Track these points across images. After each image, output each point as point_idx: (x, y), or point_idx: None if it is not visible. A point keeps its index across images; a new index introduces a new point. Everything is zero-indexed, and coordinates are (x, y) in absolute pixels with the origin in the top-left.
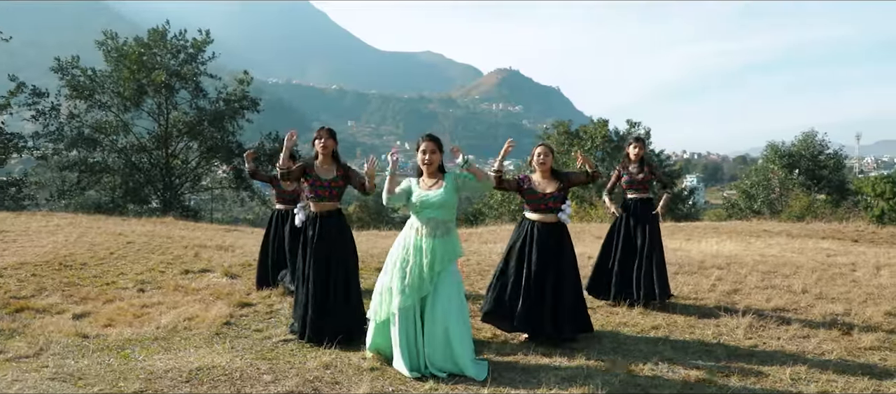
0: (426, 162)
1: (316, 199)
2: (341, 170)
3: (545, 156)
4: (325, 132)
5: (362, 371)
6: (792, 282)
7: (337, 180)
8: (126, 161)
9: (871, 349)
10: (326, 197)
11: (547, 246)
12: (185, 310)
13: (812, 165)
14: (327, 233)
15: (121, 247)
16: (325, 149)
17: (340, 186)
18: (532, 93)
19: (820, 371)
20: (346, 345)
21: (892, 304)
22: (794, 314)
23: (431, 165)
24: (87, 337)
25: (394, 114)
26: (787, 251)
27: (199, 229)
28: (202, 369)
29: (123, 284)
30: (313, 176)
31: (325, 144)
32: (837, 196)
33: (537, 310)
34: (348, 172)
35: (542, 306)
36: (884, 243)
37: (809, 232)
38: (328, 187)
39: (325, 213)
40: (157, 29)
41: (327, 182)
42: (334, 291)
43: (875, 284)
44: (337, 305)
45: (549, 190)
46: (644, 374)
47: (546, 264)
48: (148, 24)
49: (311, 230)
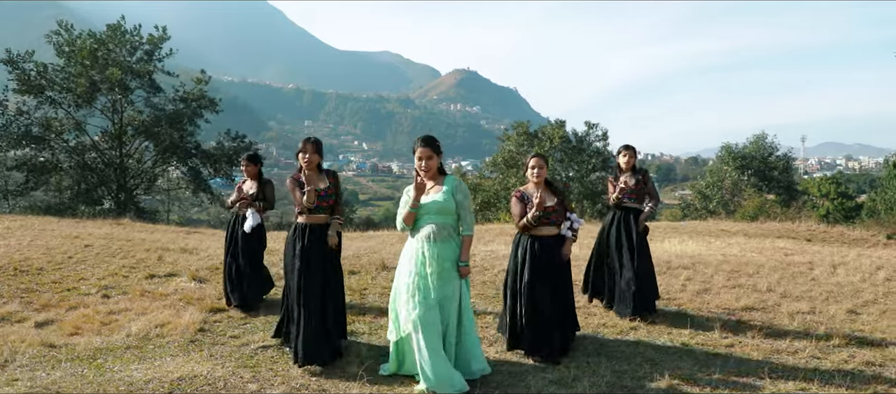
0: (423, 169)
1: (309, 211)
2: (332, 178)
3: (540, 168)
4: (310, 147)
5: (349, 378)
6: (756, 281)
7: (329, 188)
8: (78, 161)
9: (839, 347)
10: (323, 208)
11: (552, 262)
12: (154, 316)
13: (763, 167)
14: (321, 246)
15: (79, 250)
16: (309, 164)
17: (333, 194)
18: (490, 93)
19: (796, 369)
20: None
21: (852, 302)
22: (763, 313)
23: (429, 171)
24: (55, 347)
25: (352, 114)
26: (747, 251)
27: (159, 231)
28: (184, 379)
29: (86, 289)
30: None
31: (310, 159)
32: (787, 196)
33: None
34: (337, 181)
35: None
36: (835, 242)
37: (765, 232)
38: (324, 197)
39: (317, 225)
40: (113, 24)
41: (322, 192)
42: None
43: (833, 283)
44: (335, 325)
45: (549, 203)
46: (629, 375)
47: (550, 281)
48: (98, 21)
49: (300, 243)
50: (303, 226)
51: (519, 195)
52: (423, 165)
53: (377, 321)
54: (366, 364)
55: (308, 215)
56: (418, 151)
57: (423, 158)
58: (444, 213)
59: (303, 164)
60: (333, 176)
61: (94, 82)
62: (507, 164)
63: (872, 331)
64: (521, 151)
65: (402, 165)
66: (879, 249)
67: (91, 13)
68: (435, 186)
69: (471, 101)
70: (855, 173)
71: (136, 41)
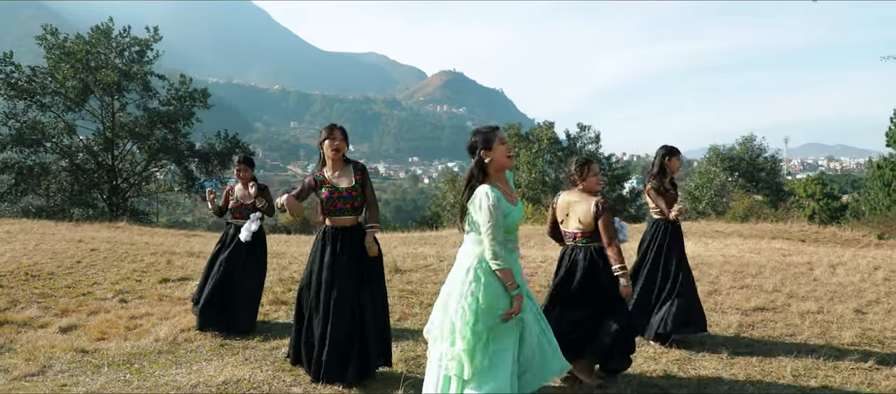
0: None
1: (333, 213)
2: (359, 174)
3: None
4: (338, 132)
5: (392, 380)
6: (762, 282)
7: (356, 188)
8: (70, 164)
9: (852, 345)
10: (348, 210)
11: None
12: (178, 321)
13: (751, 168)
14: (353, 252)
15: (86, 255)
16: (336, 152)
17: (361, 194)
18: (476, 95)
19: (815, 367)
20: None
21: (857, 302)
22: (775, 313)
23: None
24: (86, 352)
25: (338, 115)
26: (746, 252)
27: (159, 234)
28: (228, 383)
29: (101, 294)
30: (329, 186)
31: (339, 146)
32: (775, 197)
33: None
34: (366, 176)
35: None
36: (828, 243)
37: (759, 232)
38: (349, 198)
39: (346, 228)
40: (101, 27)
41: (346, 192)
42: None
43: (835, 283)
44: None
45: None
46: (658, 375)
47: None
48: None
49: (329, 248)
50: (330, 230)
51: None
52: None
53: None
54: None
55: (332, 218)
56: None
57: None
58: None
59: (329, 154)
60: (361, 171)
61: (87, 85)
62: None
63: (881, 331)
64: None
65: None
66: (872, 249)
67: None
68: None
69: (457, 102)
70: (837, 174)
71: (125, 43)
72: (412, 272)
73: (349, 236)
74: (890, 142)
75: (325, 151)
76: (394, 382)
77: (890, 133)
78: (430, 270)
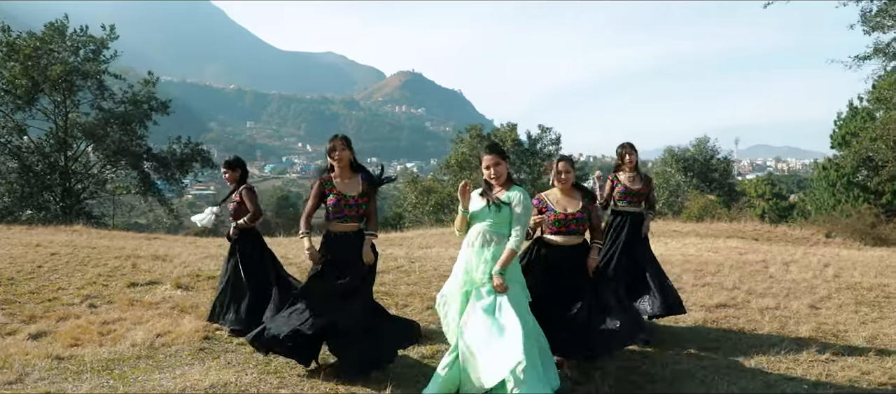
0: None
1: (340, 219)
2: (366, 183)
3: (567, 172)
4: (339, 143)
5: (380, 383)
6: (722, 280)
7: (363, 196)
8: (20, 165)
9: (809, 338)
10: (352, 217)
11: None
12: (152, 326)
13: (705, 169)
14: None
15: (46, 259)
16: (341, 162)
17: (367, 203)
18: (434, 96)
19: (777, 360)
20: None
21: (810, 298)
22: (736, 309)
23: (499, 177)
24: (62, 359)
25: (295, 115)
26: (704, 251)
27: (119, 238)
28: (215, 386)
29: (68, 299)
30: (336, 193)
31: (341, 157)
32: (727, 197)
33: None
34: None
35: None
36: (780, 241)
37: (715, 232)
38: (354, 205)
39: (347, 234)
40: (55, 23)
41: (353, 199)
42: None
43: (790, 280)
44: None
45: (572, 210)
46: (631, 369)
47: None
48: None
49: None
50: (332, 235)
51: (535, 200)
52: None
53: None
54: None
55: (337, 223)
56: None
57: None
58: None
59: (335, 163)
60: (369, 180)
61: (36, 82)
62: (460, 166)
63: (835, 324)
64: (474, 154)
65: None
66: (821, 246)
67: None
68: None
69: (416, 103)
70: (784, 174)
71: (79, 41)
72: (384, 274)
73: (350, 242)
74: (834, 144)
75: (331, 161)
76: (382, 381)
77: (834, 136)
78: (401, 272)
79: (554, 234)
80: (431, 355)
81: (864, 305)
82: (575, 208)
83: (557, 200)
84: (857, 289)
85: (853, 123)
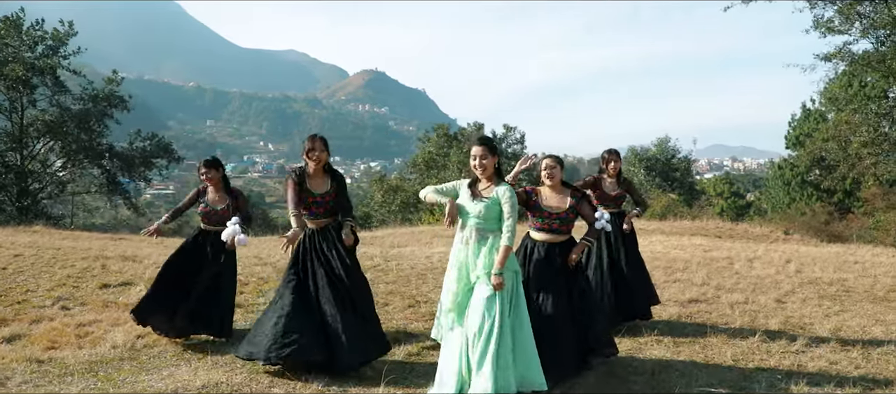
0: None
1: (311, 216)
2: (335, 182)
3: (553, 169)
4: (319, 143)
5: (371, 381)
6: (691, 276)
7: (330, 193)
8: None
9: (778, 331)
10: (322, 213)
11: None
12: (132, 327)
13: (666, 168)
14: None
15: (10, 261)
16: (318, 163)
17: (334, 199)
18: (398, 95)
19: (750, 352)
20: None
21: (776, 292)
22: (708, 304)
23: (485, 170)
24: (41, 362)
25: (256, 113)
26: (671, 248)
27: (83, 239)
28: (207, 386)
29: (39, 302)
30: (306, 191)
31: (320, 158)
32: (688, 196)
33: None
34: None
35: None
36: (741, 238)
37: (679, 230)
38: (322, 203)
39: (322, 229)
40: (10, 17)
41: (321, 197)
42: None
43: (755, 276)
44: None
45: (559, 208)
46: (613, 363)
47: (561, 292)
48: None
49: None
50: (309, 231)
51: (528, 189)
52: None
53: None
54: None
55: (313, 221)
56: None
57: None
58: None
59: (312, 163)
60: (337, 178)
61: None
62: (427, 165)
63: (801, 318)
64: (441, 153)
65: None
66: (781, 243)
67: None
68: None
69: (379, 101)
70: (740, 173)
71: (37, 36)
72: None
73: (325, 234)
74: (789, 144)
75: (308, 162)
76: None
77: (789, 136)
78: (379, 271)
79: (538, 230)
80: (418, 352)
81: (827, 299)
82: (562, 207)
83: (546, 197)
84: (818, 284)
85: (806, 125)
